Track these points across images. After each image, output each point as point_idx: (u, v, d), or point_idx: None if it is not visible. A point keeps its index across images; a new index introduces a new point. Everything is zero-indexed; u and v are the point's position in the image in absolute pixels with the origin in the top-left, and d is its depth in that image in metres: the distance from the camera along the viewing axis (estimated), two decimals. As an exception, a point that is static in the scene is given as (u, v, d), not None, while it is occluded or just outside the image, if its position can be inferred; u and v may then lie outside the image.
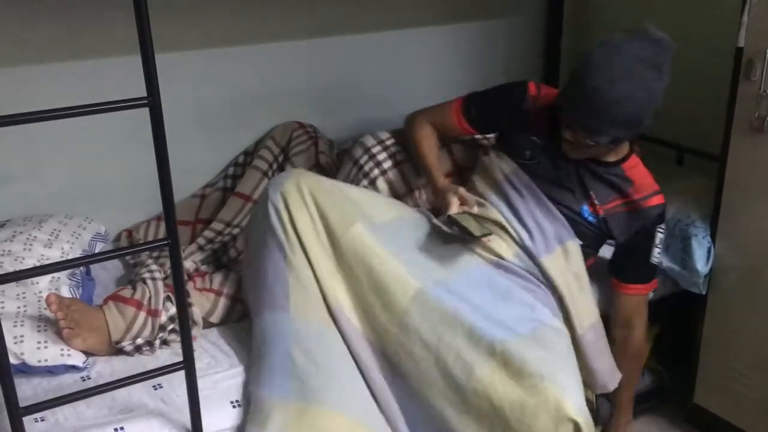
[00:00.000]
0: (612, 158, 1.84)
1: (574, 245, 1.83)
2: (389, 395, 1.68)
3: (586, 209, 1.85)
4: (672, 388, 2.34)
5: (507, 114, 1.92)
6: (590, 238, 1.88)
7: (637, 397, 2.27)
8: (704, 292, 2.08)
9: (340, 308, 1.70)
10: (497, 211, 1.85)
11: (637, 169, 1.86)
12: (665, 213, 1.88)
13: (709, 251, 2.05)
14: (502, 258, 1.80)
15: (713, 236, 2.05)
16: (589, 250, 1.90)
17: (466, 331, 1.62)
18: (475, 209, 1.78)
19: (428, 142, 1.98)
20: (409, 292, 1.68)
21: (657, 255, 1.87)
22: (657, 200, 1.85)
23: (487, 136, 2.13)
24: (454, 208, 1.74)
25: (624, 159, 1.85)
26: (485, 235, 1.72)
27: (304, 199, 1.73)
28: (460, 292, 1.70)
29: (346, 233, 1.72)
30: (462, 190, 1.81)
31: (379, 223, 1.78)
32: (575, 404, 1.53)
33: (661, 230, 1.86)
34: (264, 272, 1.72)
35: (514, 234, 1.82)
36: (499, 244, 1.81)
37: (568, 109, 1.71)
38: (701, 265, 2.04)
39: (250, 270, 1.78)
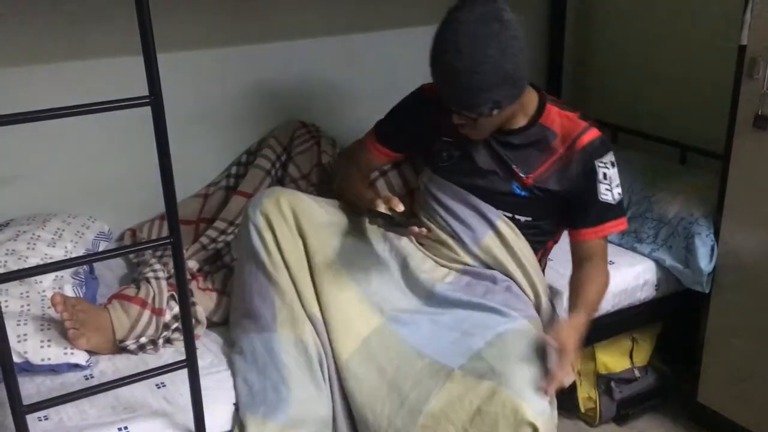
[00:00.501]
0: (522, 121, 1.73)
1: (504, 222, 1.76)
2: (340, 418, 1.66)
3: (516, 185, 1.75)
4: (675, 387, 2.33)
5: (412, 124, 1.86)
6: (531, 210, 1.77)
7: (641, 396, 2.28)
8: (707, 291, 2.07)
9: (319, 322, 1.70)
10: (436, 227, 1.83)
11: (556, 118, 1.74)
12: (605, 144, 1.73)
13: (712, 249, 2.05)
14: (468, 264, 1.80)
15: (716, 234, 2.05)
16: (542, 223, 1.80)
17: (425, 363, 1.61)
18: (400, 207, 1.66)
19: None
20: (371, 324, 1.69)
21: (606, 191, 1.72)
22: (589, 136, 1.71)
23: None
24: (381, 208, 1.67)
25: (538, 115, 1.73)
26: (413, 222, 1.65)
27: (284, 216, 1.73)
28: (420, 319, 1.70)
29: (320, 253, 1.74)
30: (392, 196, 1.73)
31: (351, 247, 1.78)
32: (533, 407, 1.48)
33: (602, 164, 1.71)
34: (250, 295, 1.73)
35: (456, 238, 1.80)
36: (456, 252, 1.80)
37: (439, 96, 1.66)
38: (704, 263, 2.04)
39: (237, 290, 1.79)
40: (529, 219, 1.78)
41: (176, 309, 1.75)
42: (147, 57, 1.15)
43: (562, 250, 1.93)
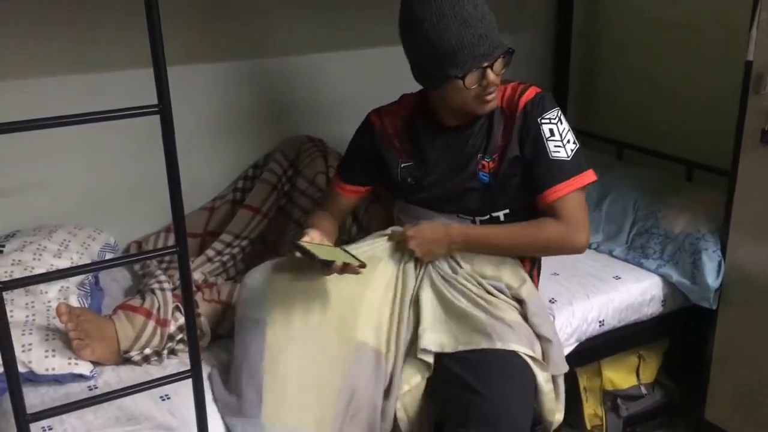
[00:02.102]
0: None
1: None
2: None
3: (482, 174, 1.71)
4: (683, 405, 2.31)
5: (369, 156, 1.83)
6: (505, 198, 1.73)
7: (647, 413, 2.26)
8: (715, 307, 2.06)
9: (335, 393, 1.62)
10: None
11: (498, 93, 1.69)
12: (546, 100, 1.69)
13: (719, 265, 2.04)
14: None
15: (723, 250, 2.04)
16: (522, 213, 1.75)
17: None
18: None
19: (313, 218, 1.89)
20: None
21: (557, 148, 1.66)
22: (528, 95, 1.69)
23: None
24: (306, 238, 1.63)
25: None
26: (330, 262, 1.54)
27: (278, 289, 1.64)
28: None
29: (324, 326, 1.64)
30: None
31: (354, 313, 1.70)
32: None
33: (546, 120, 1.66)
34: (238, 375, 1.61)
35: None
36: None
37: (467, 56, 1.56)
38: (711, 279, 2.03)
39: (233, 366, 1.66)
40: (507, 212, 1.75)
41: (181, 320, 1.75)
42: (156, 65, 1.15)
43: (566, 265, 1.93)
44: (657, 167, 2.56)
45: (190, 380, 1.37)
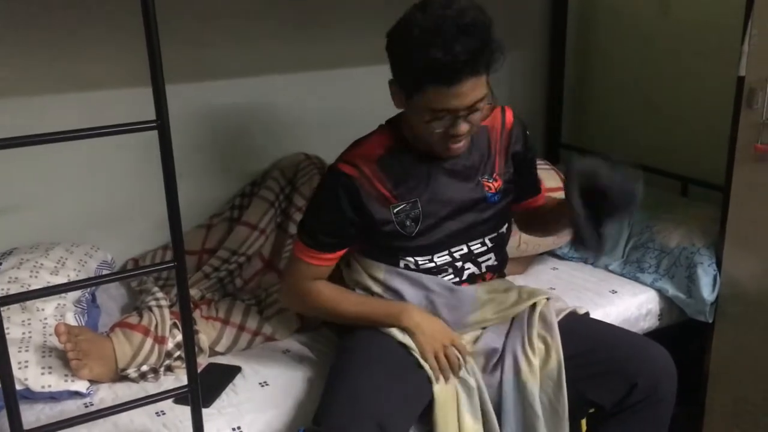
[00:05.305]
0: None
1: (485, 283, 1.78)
2: None
3: (489, 196, 1.68)
4: (680, 420, 2.30)
5: (353, 215, 1.60)
6: (503, 213, 1.74)
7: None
8: (711, 320, 2.07)
9: None
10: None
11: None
12: (525, 128, 1.76)
13: (714, 279, 2.04)
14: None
15: (719, 264, 2.05)
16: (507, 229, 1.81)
17: None
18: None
19: (335, 291, 1.69)
20: None
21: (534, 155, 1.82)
22: (509, 112, 1.73)
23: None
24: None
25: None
26: None
27: None
28: None
29: None
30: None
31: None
32: None
33: (534, 149, 1.80)
34: None
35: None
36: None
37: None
38: (707, 292, 2.03)
39: None
40: (507, 225, 1.78)
41: (178, 337, 1.75)
42: (154, 80, 1.16)
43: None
44: (651, 183, 2.57)
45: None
